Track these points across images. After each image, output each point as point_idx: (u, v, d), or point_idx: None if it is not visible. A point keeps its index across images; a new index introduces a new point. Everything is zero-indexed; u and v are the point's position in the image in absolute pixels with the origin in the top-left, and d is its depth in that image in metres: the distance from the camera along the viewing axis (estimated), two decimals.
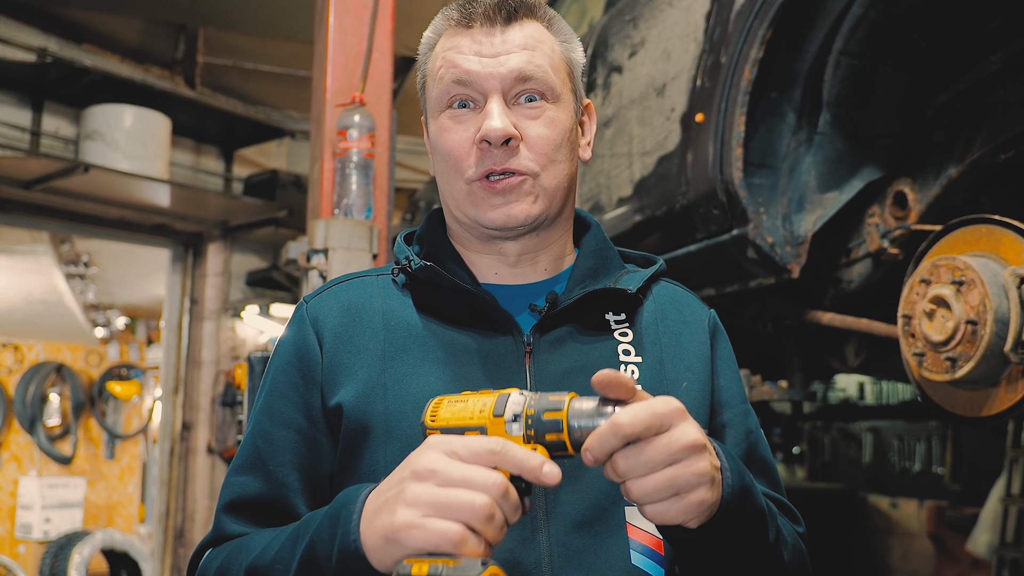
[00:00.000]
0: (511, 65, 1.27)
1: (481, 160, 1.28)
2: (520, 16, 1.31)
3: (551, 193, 1.31)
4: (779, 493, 1.38)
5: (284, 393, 1.30)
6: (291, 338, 1.35)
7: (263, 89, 7.45)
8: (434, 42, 1.37)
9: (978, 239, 2.12)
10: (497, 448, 0.96)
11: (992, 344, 1.99)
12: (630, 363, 1.32)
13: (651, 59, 3.05)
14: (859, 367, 3.32)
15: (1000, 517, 5.16)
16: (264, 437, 1.28)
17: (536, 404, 1.01)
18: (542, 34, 1.32)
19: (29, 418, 9.29)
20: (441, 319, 1.32)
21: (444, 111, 1.32)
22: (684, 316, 1.41)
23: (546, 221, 1.34)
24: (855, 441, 7.90)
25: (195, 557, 1.28)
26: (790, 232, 2.66)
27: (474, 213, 1.31)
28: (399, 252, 1.40)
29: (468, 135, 1.29)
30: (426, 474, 0.96)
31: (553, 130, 1.30)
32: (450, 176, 1.32)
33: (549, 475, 0.96)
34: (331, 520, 1.05)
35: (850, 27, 2.45)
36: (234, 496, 1.27)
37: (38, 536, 8.98)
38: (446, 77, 1.30)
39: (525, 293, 1.37)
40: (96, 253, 8.25)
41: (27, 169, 5.49)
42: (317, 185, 3.32)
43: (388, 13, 3.45)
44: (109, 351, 10.16)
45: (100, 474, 9.97)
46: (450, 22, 1.33)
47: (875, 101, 2.55)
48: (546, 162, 1.30)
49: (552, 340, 1.31)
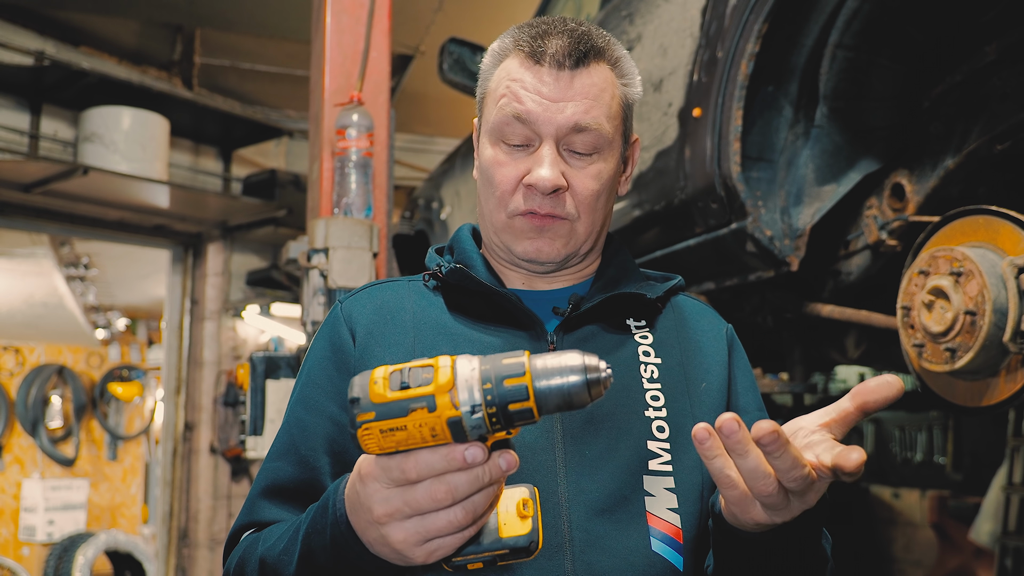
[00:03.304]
0: (568, 113, 1.30)
1: (526, 199, 1.34)
2: (589, 60, 1.32)
3: (583, 236, 1.38)
4: None
5: (318, 384, 1.36)
6: (326, 334, 1.41)
7: (261, 89, 7.46)
8: (501, 59, 1.39)
9: (976, 230, 2.13)
10: (410, 468, 0.93)
11: (991, 334, 2.00)
12: (650, 363, 1.37)
13: (647, 54, 3.05)
14: (859, 359, 3.33)
15: (1002, 506, 5.16)
16: (298, 424, 1.34)
17: (492, 368, 0.92)
18: (605, 80, 1.34)
19: (31, 420, 9.31)
20: (470, 318, 1.38)
21: (499, 143, 1.36)
22: (702, 325, 1.47)
23: (574, 258, 1.41)
24: (856, 432, 7.91)
25: (231, 539, 1.32)
26: (788, 225, 2.66)
27: (509, 243, 1.38)
28: (430, 261, 1.47)
29: (517, 173, 1.34)
30: (393, 513, 0.95)
31: (598, 182, 1.35)
32: (493, 205, 1.38)
33: (474, 457, 0.91)
34: (321, 509, 1.08)
35: (845, 20, 2.45)
36: (268, 481, 1.32)
37: (42, 538, 9.00)
38: (506, 109, 1.33)
39: (549, 297, 1.43)
40: (96, 255, 8.26)
41: (26, 172, 5.49)
42: (316, 184, 3.33)
43: (385, 12, 3.46)
44: (110, 352, 10.18)
45: (103, 475, 9.99)
46: (521, 50, 1.35)
47: (871, 94, 2.55)
48: (587, 210, 1.35)
49: (574, 340, 1.36)
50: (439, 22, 6.66)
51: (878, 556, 7.16)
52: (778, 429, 0.94)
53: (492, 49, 1.42)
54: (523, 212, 1.34)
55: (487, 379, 0.91)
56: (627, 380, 1.34)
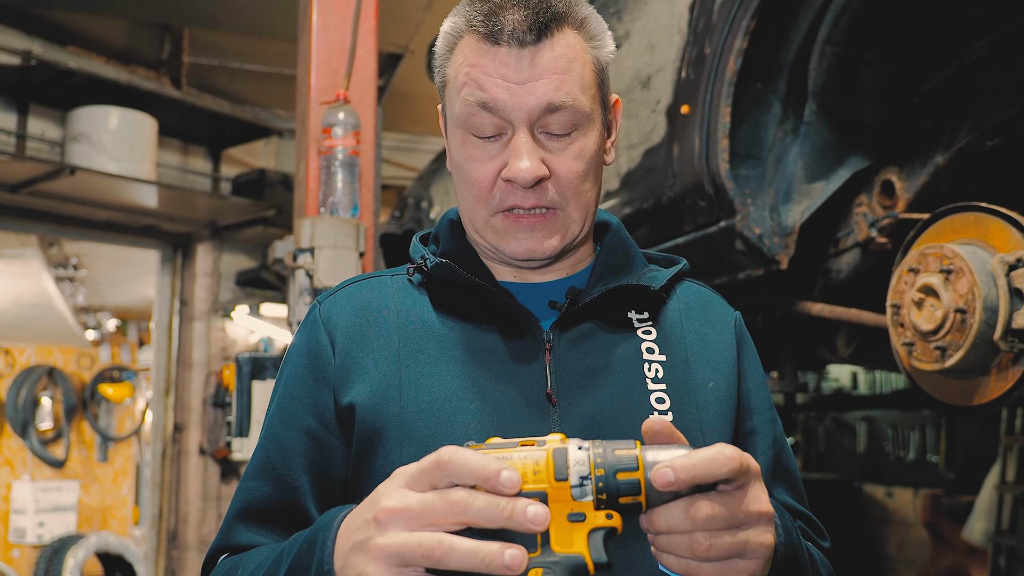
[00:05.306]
0: (539, 94, 1.18)
1: (507, 195, 1.23)
2: (552, 30, 1.19)
3: (578, 223, 1.27)
4: (803, 504, 1.35)
5: (295, 395, 1.27)
6: (303, 340, 1.32)
7: (249, 88, 7.43)
8: (454, 42, 1.26)
9: (966, 227, 2.11)
10: (444, 460, 0.88)
11: (981, 332, 1.98)
12: (654, 361, 1.27)
13: (636, 51, 3.03)
14: (850, 357, 3.32)
15: (995, 505, 5.15)
16: (275, 441, 1.25)
17: (604, 462, 0.90)
18: (573, 48, 1.22)
19: (21, 422, 9.25)
20: (458, 317, 1.28)
21: (468, 136, 1.25)
22: (709, 316, 1.37)
23: (569, 247, 1.31)
24: (849, 431, 7.90)
25: (207, 562, 1.24)
26: (778, 223, 2.64)
27: (495, 243, 1.28)
28: (414, 252, 1.37)
29: (493, 167, 1.23)
30: (387, 517, 0.90)
31: (582, 162, 1.23)
32: (471, 203, 1.27)
33: (509, 482, 0.86)
34: (308, 544, 1.01)
35: (834, 16, 2.43)
36: (245, 502, 1.23)
37: (32, 540, 8.94)
38: (470, 99, 1.21)
39: (544, 291, 1.33)
40: (85, 255, 8.23)
41: (13, 172, 5.46)
42: (303, 184, 3.30)
43: (372, 10, 3.44)
44: (100, 353, 10.13)
45: (93, 477, 9.94)
46: (475, 30, 1.21)
47: (861, 90, 2.54)
48: (574, 194, 1.24)
49: (573, 338, 1.27)
50: (428, 21, 6.63)
51: (871, 555, 7.16)
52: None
53: (444, 31, 1.28)
54: (505, 210, 1.23)
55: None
56: (630, 382, 1.24)
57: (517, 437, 0.95)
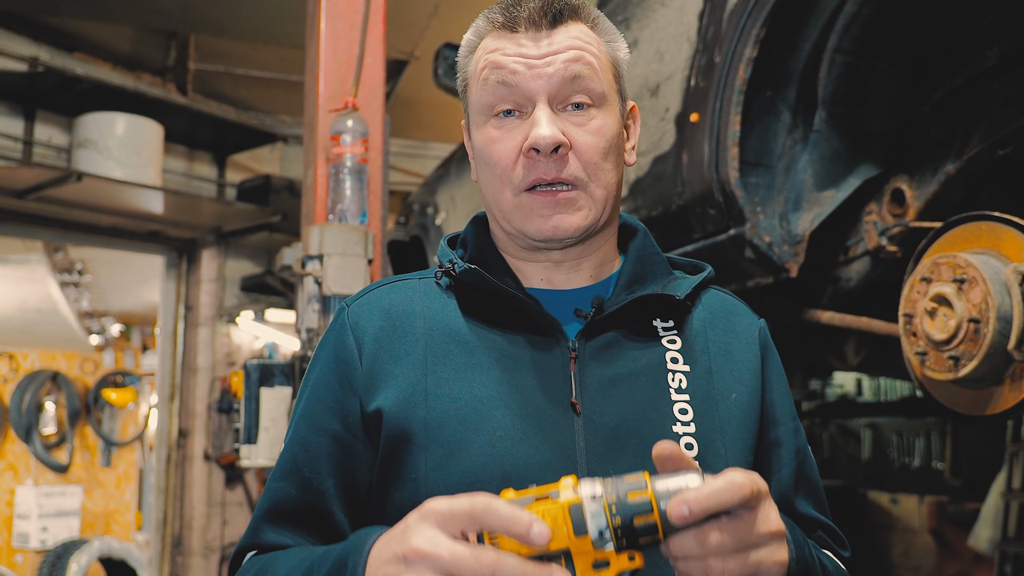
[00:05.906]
0: (558, 66, 1.24)
1: (529, 170, 1.25)
2: (565, 18, 1.27)
3: (600, 203, 1.29)
4: (825, 515, 1.36)
5: (322, 399, 1.29)
6: (330, 343, 1.33)
7: (255, 94, 7.43)
8: (475, 45, 1.33)
9: (978, 236, 2.10)
10: (479, 510, 0.91)
11: (995, 342, 1.97)
12: (678, 371, 1.28)
13: (644, 59, 3.03)
14: (859, 365, 3.31)
15: (1001, 512, 5.14)
16: (301, 444, 1.27)
17: (620, 509, 0.92)
18: (588, 35, 1.29)
19: (25, 427, 9.25)
20: (485, 323, 1.30)
21: (489, 120, 1.29)
22: (734, 325, 1.38)
23: (593, 230, 1.31)
24: (854, 437, 7.88)
25: (235, 560, 1.27)
26: (787, 231, 2.64)
27: (521, 224, 1.29)
28: (442, 255, 1.38)
29: (515, 144, 1.26)
30: (415, 558, 0.92)
31: (601, 138, 1.27)
32: (496, 186, 1.30)
33: (539, 535, 0.89)
34: (339, 566, 1.03)
35: (844, 24, 2.43)
36: (271, 503, 1.26)
37: (35, 545, 8.94)
38: (490, 79, 1.26)
39: (570, 299, 1.34)
40: (90, 261, 8.23)
41: (20, 178, 5.47)
42: (311, 191, 3.30)
43: (379, 17, 3.44)
44: (104, 358, 10.12)
45: (97, 482, 9.93)
46: (493, 24, 1.30)
47: (871, 98, 2.53)
48: (595, 171, 1.27)
49: (598, 346, 1.28)
50: (434, 27, 6.64)
51: (876, 562, 7.14)
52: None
53: (466, 39, 1.36)
54: (530, 185, 1.25)
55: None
56: (653, 392, 1.26)
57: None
